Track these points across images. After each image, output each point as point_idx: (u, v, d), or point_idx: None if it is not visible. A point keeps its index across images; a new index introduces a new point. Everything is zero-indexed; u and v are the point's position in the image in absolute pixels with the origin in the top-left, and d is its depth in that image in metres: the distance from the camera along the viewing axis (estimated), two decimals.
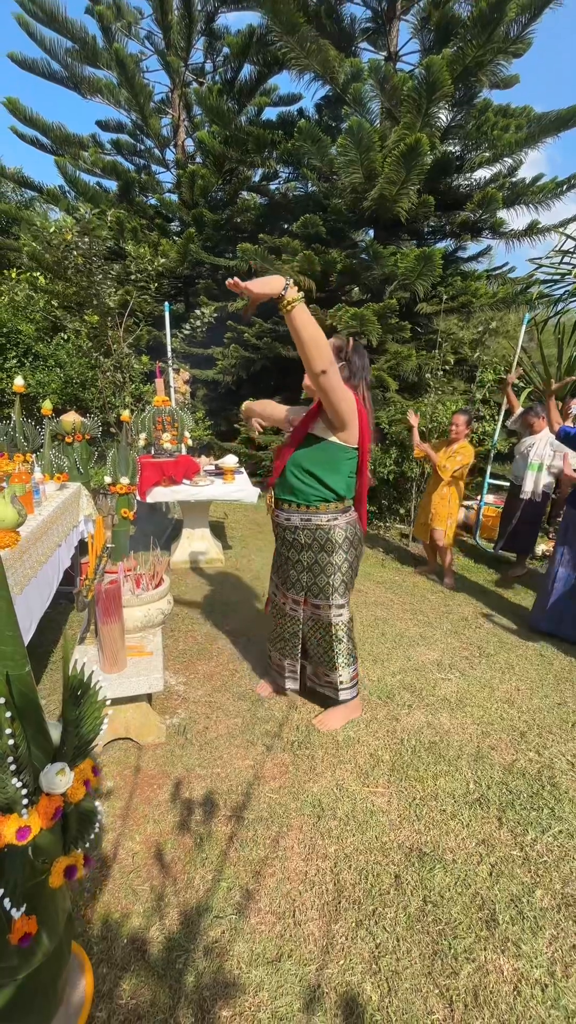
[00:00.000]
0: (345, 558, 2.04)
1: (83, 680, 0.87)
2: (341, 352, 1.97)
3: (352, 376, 1.96)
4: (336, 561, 2.02)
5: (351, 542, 2.04)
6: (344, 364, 1.95)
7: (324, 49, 5.47)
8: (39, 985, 0.95)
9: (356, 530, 2.06)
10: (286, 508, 2.02)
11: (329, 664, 2.18)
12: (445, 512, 3.84)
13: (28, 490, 2.33)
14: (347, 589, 2.10)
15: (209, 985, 1.25)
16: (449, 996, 1.26)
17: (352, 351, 1.97)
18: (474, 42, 4.93)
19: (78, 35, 7.43)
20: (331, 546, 2.00)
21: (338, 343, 1.98)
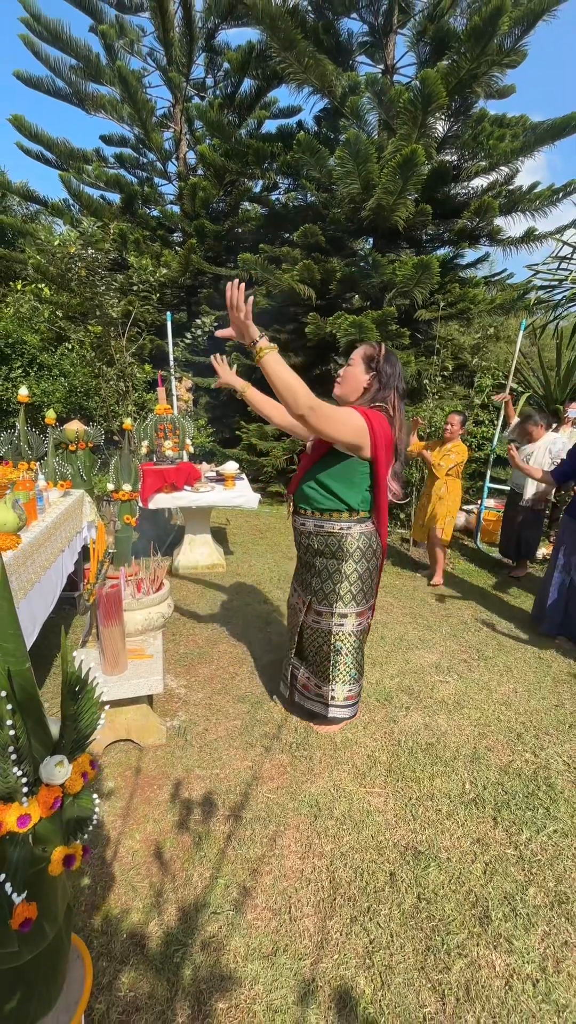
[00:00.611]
0: (355, 568, 2.00)
1: (81, 677, 0.92)
2: (372, 361, 1.92)
3: (382, 387, 1.91)
4: (345, 569, 2.00)
5: (363, 552, 1.99)
6: (375, 374, 1.91)
7: (322, 64, 5.59)
8: (39, 973, 0.98)
9: (372, 541, 2.01)
10: (302, 514, 2.05)
11: (322, 675, 2.13)
12: (443, 511, 3.90)
13: (32, 497, 2.39)
14: (354, 600, 2.04)
15: (206, 978, 1.28)
16: (441, 990, 1.28)
17: (384, 360, 1.91)
18: (468, 55, 5.03)
19: (82, 53, 7.60)
20: (342, 554, 1.98)
21: (369, 351, 1.93)
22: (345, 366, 1.97)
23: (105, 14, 7.94)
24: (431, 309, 6.13)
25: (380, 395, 1.91)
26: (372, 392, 1.92)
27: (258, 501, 3.98)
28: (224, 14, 7.82)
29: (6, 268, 8.35)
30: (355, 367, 1.93)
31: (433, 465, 3.84)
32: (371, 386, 1.92)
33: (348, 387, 1.95)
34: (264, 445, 6.73)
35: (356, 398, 1.94)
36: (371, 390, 1.92)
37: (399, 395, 1.93)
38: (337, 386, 1.98)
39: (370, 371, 1.92)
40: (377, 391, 1.91)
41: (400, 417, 1.92)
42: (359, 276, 6.00)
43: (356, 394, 1.94)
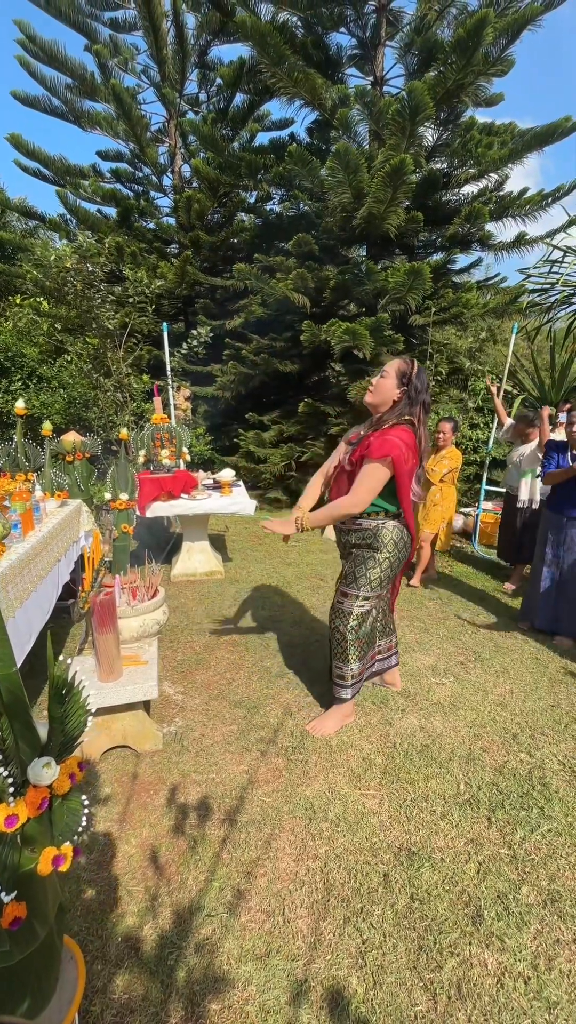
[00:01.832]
0: (387, 556, 2.19)
1: (67, 679, 0.94)
2: (405, 377, 2.11)
3: (411, 403, 2.11)
4: (379, 557, 2.19)
5: (396, 544, 2.19)
6: (406, 389, 2.11)
7: (311, 78, 5.69)
8: (31, 974, 1.00)
9: (403, 535, 2.21)
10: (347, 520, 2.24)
11: (342, 656, 2.27)
12: (438, 516, 3.93)
13: (29, 508, 2.42)
14: (380, 586, 2.23)
15: (199, 980, 1.30)
16: (433, 989, 1.29)
17: (415, 376, 2.11)
18: (455, 65, 5.12)
19: (77, 72, 7.76)
20: (377, 543, 2.18)
21: (403, 367, 2.12)
22: (379, 377, 2.16)
23: (99, 33, 8.10)
24: (425, 314, 6.19)
25: (408, 410, 2.11)
26: (401, 406, 2.12)
27: (255, 507, 4.02)
28: (215, 31, 7.98)
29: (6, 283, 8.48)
30: (389, 380, 2.12)
31: (427, 471, 3.88)
32: (400, 400, 2.12)
33: (380, 397, 2.14)
34: (262, 452, 6.78)
35: (385, 409, 2.15)
36: (400, 404, 2.12)
37: (424, 409, 2.14)
38: (369, 395, 2.17)
39: (402, 386, 2.11)
40: (406, 405, 2.11)
41: (423, 429, 2.15)
42: (352, 283, 6.07)
43: (386, 405, 2.15)
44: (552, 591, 3.19)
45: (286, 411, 7.14)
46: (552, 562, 3.16)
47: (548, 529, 3.19)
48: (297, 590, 3.94)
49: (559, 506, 3.11)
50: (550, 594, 3.20)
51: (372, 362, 6.16)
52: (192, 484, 4.00)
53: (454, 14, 6.00)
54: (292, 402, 6.92)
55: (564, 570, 3.12)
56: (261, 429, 7.08)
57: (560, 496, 3.11)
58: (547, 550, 3.18)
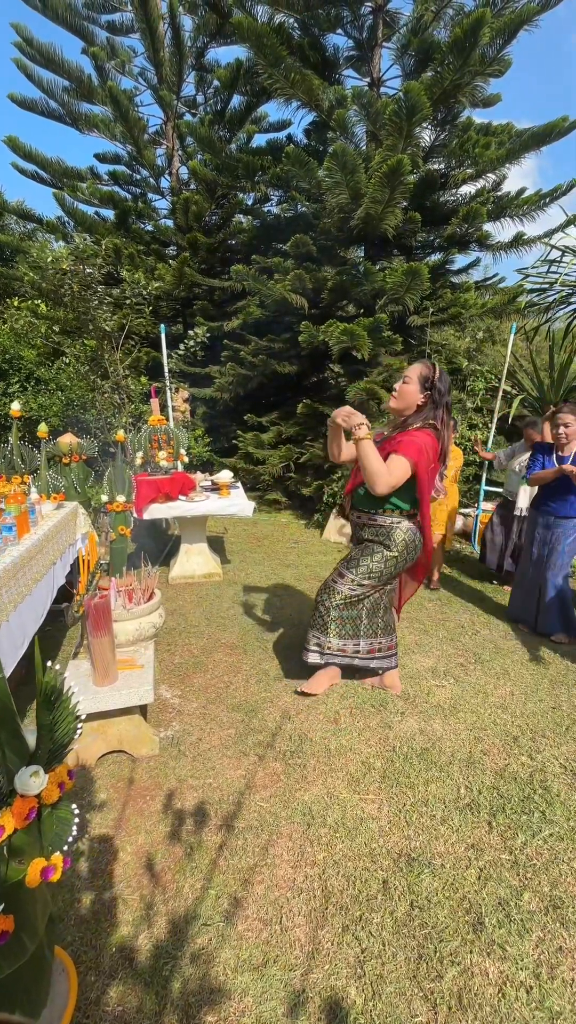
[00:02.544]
0: (395, 555, 2.25)
1: (56, 685, 0.92)
2: (427, 381, 2.16)
3: (435, 406, 2.16)
4: (387, 554, 2.25)
5: (407, 545, 2.25)
6: (429, 394, 2.16)
7: (308, 79, 5.68)
8: (20, 988, 0.98)
9: (416, 537, 2.26)
10: (358, 511, 2.34)
11: (322, 627, 2.37)
12: (442, 516, 3.91)
13: (24, 510, 2.40)
14: (379, 579, 2.28)
15: (195, 991, 1.27)
16: (433, 999, 1.27)
17: (438, 379, 2.16)
18: (451, 66, 5.11)
19: (74, 75, 7.75)
20: (390, 541, 2.24)
21: (425, 372, 2.17)
22: (401, 383, 2.20)
23: (96, 36, 8.10)
24: (423, 315, 6.17)
25: (432, 414, 2.16)
26: (425, 411, 2.17)
27: (253, 509, 4.00)
28: (212, 33, 7.98)
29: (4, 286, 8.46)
30: (412, 385, 2.17)
31: None
32: (425, 404, 2.17)
33: (404, 403, 2.20)
34: (261, 454, 6.76)
35: (410, 413, 2.20)
36: (424, 408, 2.17)
37: (447, 410, 2.20)
38: (394, 400, 2.23)
39: (425, 391, 2.16)
40: (430, 408, 2.16)
41: (447, 431, 2.19)
42: (350, 284, 6.06)
43: (411, 410, 2.20)
44: (535, 590, 3.25)
45: (285, 412, 7.12)
46: (536, 561, 3.22)
47: (534, 528, 3.25)
48: (296, 592, 3.92)
49: (544, 506, 3.17)
50: (533, 593, 3.26)
51: (370, 363, 6.14)
52: (190, 486, 3.98)
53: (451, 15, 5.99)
54: (291, 403, 6.90)
55: (546, 569, 3.16)
56: (260, 430, 7.05)
57: (545, 496, 3.15)
58: (533, 548, 3.24)
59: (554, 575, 3.12)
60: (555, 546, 3.10)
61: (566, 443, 3.05)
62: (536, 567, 3.21)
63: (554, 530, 3.11)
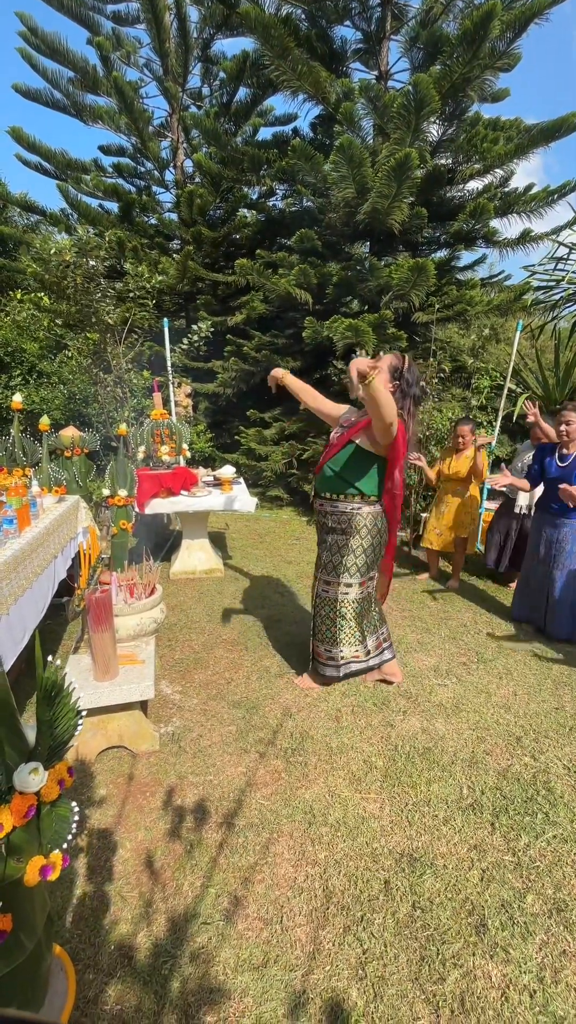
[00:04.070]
0: (360, 543, 2.28)
1: (56, 681, 0.90)
2: (397, 371, 2.19)
3: (403, 396, 2.19)
4: (352, 544, 2.28)
5: (370, 531, 2.27)
6: (397, 383, 2.19)
7: (315, 71, 5.62)
8: (17, 986, 0.96)
9: (378, 522, 2.28)
10: (322, 497, 2.36)
11: (331, 640, 2.40)
12: (468, 519, 3.88)
13: (25, 503, 2.38)
14: (359, 572, 2.32)
15: (194, 991, 1.25)
16: (435, 1002, 1.25)
17: (407, 370, 2.20)
18: (461, 59, 5.05)
19: (79, 65, 7.68)
20: (351, 529, 2.27)
21: (395, 362, 2.20)
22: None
23: (102, 26, 8.03)
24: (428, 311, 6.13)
25: (400, 403, 2.17)
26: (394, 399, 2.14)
27: (255, 505, 3.97)
28: (219, 24, 7.90)
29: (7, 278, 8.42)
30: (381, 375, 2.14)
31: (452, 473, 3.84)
32: (393, 393, 2.17)
33: None
34: (263, 449, 6.73)
35: None
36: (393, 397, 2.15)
37: (415, 402, 2.22)
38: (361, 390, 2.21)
39: (394, 380, 2.18)
40: (398, 398, 2.17)
41: (412, 421, 2.22)
42: (355, 280, 6.01)
43: None
44: (542, 590, 3.22)
45: (287, 408, 7.08)
46: (543, 560, 3.19)
47: (541, 528, 3.23)
48: (298, 589, 3.90)
49: (550, 506, 3.13)
50: (540, 593, 3.24)
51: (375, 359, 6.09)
52: (192, 481, 3.95)
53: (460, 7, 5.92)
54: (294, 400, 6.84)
55: (553, 568, 3.13)
56: (262, 426, 7.02)
57: (550, 497, 3.11)
58: (540, 548, 3.21)
59: (562, 575, 3.09)
60: (564, 545, 3.08)
61: (568, 441, 3.02)
62: (543, 566, 3.18)
63: (561, 529, 3.09)
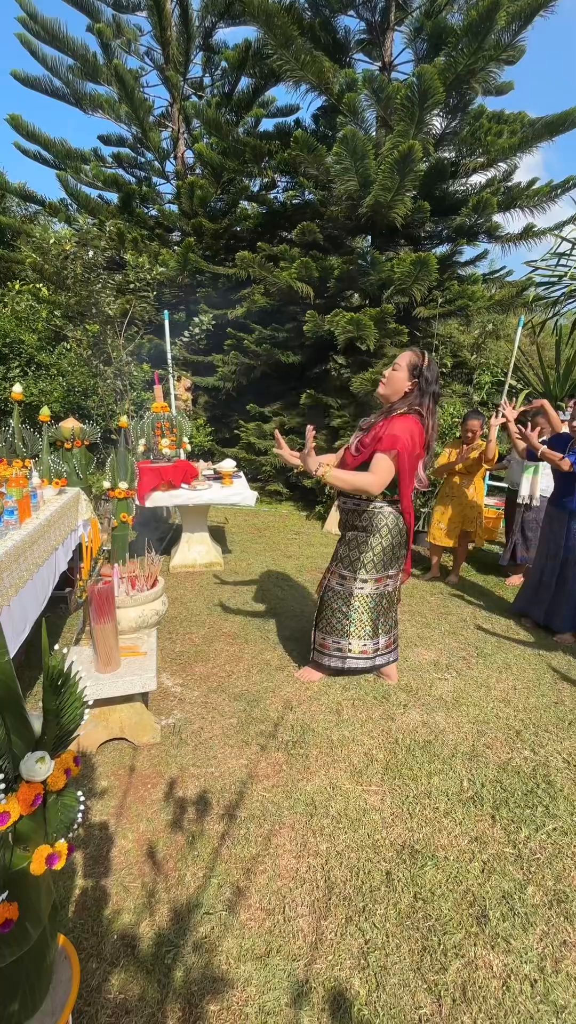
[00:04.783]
0: (380, 542, 2.29)
1: (63, 670, 0.89)
2: (415, 369, 2.18)
3: (421, 394, 2.19)
4: (372, 542, 2.30)
5: (391, 530, 2.29)
6: (416, 381, 2.18)
7: (319, 61, 5.55)
8: (23, 975, 0.96)
9: (398, 521, 2.30)
10: (344, 496, 2.39)
11: (341, 632, 2.40)
12: (474, 513, 3.88)
13: (25, 494, 2.37)
14: (375, 568, 2.32)
15: (197, 980, 1.26)
16: (437, 991, 1.26)
17: (426, 368, 2.18)
18: (465, 50, 4.99)
19: (79, 53, 7.58)
20: (372, 528, 2.28)
21: (414, 360, 2.19)
22: (391, 370, 2.23)
23: (102, 13, 7.91)
24: (429, 307, 6.10)
25: (418, 400, 2.18)
26: (411, 397, 2.19)
27: (256, 499, 3.96)
28: (221, 12, 7.80)
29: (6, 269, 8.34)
30: (400, 372, 2.20)
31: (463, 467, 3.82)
32: (412, 391, 2.20)
33: (391, 389, 2.23)
34: (263, 444, 6.71)
35: (397, 399, 2.23)
36: (411, 395, 2.20)
37: (434, 399, 2.22)
38: (382, 386, 2.27)
39: (413, 378, 2.19)
40: (416, 396, 2.19)
41: (432, 419, 2.21)
42: (357, 274, 5.98)
43: (397, 395, 2.23)
44: (551, 586, 3.18)
45: (287, 403, 7.06)
46: (552, 556, 3.15)
47: (551, 524, 3.18)
48: (298, 583, 3.90)
49: (562, 501, 3.09)
50: (548, 588, 3.20)
51: (375, 354, 6.07)
52: (192, 474, 3.94)
53: None
54: (293, 394, 6.84)
55: (564, 566, 3.10)
56: (262, 421, 7.00)
57: (563, 491, 3.09)
58: (549, 544, 3.17)
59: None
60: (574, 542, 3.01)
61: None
62: (552, 561, 3.13)
63: (571, 526, 3.02)
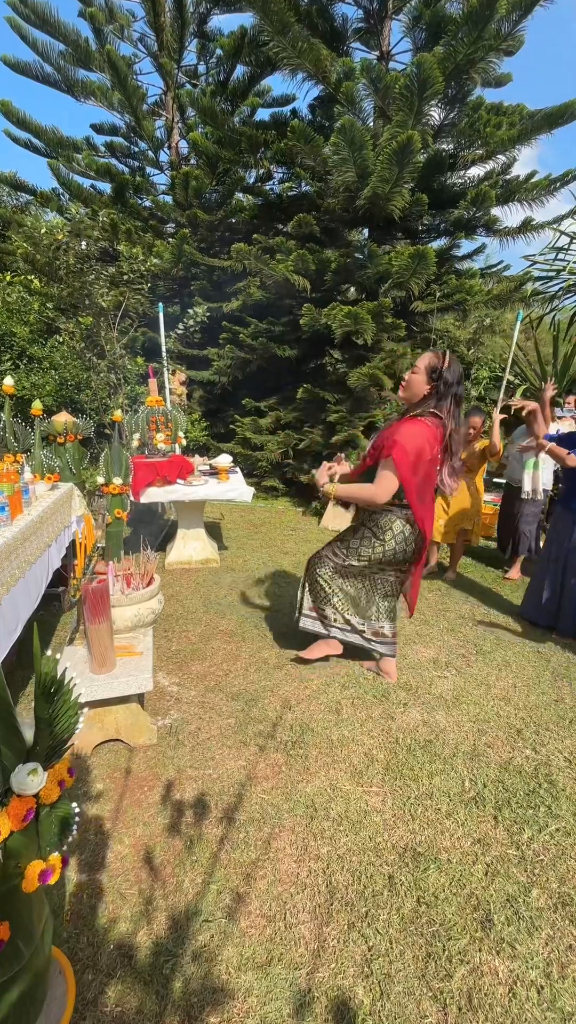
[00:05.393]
0: (382, 545, 2.28)
1: (56, 676, 0.85)
2: (434, 372, 2.12)
3: (441, 397, 2.13)
4: (374, 542, 2.29)
5: (395, 535, 2.26)
6: (435, 385, 2.13)
7: (316, 48, 5.46)
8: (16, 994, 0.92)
9: (406, 528, 2.26)
10: None
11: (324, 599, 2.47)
12: (473, 510, 3.85)
13: (17, 490, 2.30)
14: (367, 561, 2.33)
15: (197, 991, 1.22)
16: (443, 999, 1.23)
17: (446, 369, 2.11)
18: (465, 39, 4.92)
19: (71, 38, 7.42)
20: (378, 529, 2.28)
21: (434, 362, 2.14)
22: (410, 372, 2.20)
23: None
24: (427, 301, 6.05)
25: (437, 403, 2.14)
26: (430, 400, 2.15)
27: (252, 495, 3.92)
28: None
29: None
30: (418, 375, 2.16)
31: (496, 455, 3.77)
32: (431, 394, 2.15)
33: (410, 392, 2.20)
34: (259, 439, 6.65)
35: (416, 402, 2.20)
36: (430, 398, 2.15)
37: (456, 402, 2.15)
38: (402, 389, 2.25)
39: (431, 381, 2.14)
40: (435, 399, 2.14)
41: (453, 422, 2.15)
42: (354, 267, 5.91)
43: (416, 398, 2.19)
44: (556, 589, 3.13)
45: (283, 397, 6.99)
46: (558, 559, 3.09)
47: (556, 524, 3.12)
48: (295, 579, 3.86)
49: (572, 505, 3.04)
50: (553, 591, 3.14)
51: (373, 348, 6.02)
52: (188, 469, 3.88)
53: None
54: (290, 388, 6.77)
55: (565, 571, 3.06)
56: (258, 415, 6.93)
57: (572, 493, 3.04)
58: (554, 547, 3.11)
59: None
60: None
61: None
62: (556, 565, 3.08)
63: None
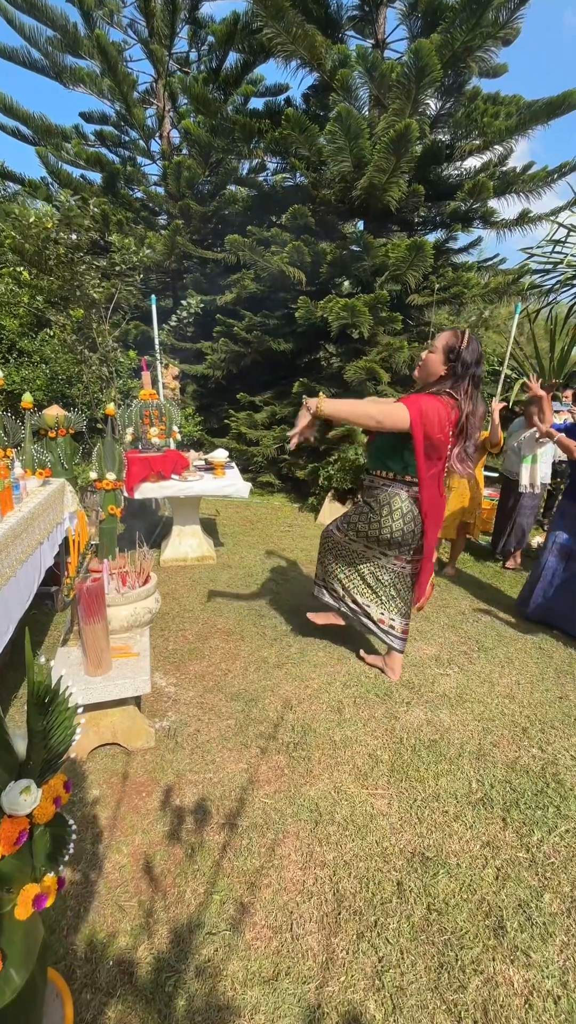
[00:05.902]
0: (378, 519, 2.21)
1: (50, 685, 0.78)
2: (452, 352, 2.02)
3: (458, 378, 2.02)
4: (371, 516, 2.24)
5: (392, 512, 2.18)
6: (452, 365, 2.02)
7: (311, 35, 5.35)
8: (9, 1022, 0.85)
9: (405, 506, 2.17)
10: (366, 472, 2.38)
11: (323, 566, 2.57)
12: (474, 504, 3.81)
13: (7, 486, 2.22)
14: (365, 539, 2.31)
15: (201, 1009, 1.17)
16: (458, 1012, 1.19)
17: (465, 348, 2.01)
18: (463, 27, 4.84)
19: (59, 23, 7.23)
20: (377, 504, 2.22)
21: (451, 341, 2.04)
22: (427, 351, 2.09)
23: None
24: (423, 293, 5.99)
25: (452, 384, 2.03)
26: (447, 381, 2.04)
27: (248, 490, 3.84)
28: None
29: None
30: (435, 355, 2.06)
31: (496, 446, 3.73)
32: (447, 375, 2.05)
33: (426, 372, 2.10)
34: (254, 434, 6.57)
35: (432, 381, 2.08)
36: (446, 379, 2.05)
37: (474, 383, 2.05)
38: (418, 369, 2.16)
39: (449, 361, 2.03)
40: (451, 380, 2.04)
41: (470, 403, 2.04)
42: (350, 259, 5.83)
43: (432, 378, 2.08)
44: (554, 582, 3.10)
45: (279, 392, 6.91)
46: (559, 552, 3.06)
47: (562, 520, 3.08)
48: (293, 576, 3.80)
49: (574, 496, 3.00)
50: (551, 585, 3.11)
51: (369, 342, 5.95)
52: (183, 465, 3.80)
53: None
54: (285, 383, 6.69)
55: (570, 563, 3.02)
56: (253, 410, 6.85)
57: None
58: (555, 540, 3.08)
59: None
60: None
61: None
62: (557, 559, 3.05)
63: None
